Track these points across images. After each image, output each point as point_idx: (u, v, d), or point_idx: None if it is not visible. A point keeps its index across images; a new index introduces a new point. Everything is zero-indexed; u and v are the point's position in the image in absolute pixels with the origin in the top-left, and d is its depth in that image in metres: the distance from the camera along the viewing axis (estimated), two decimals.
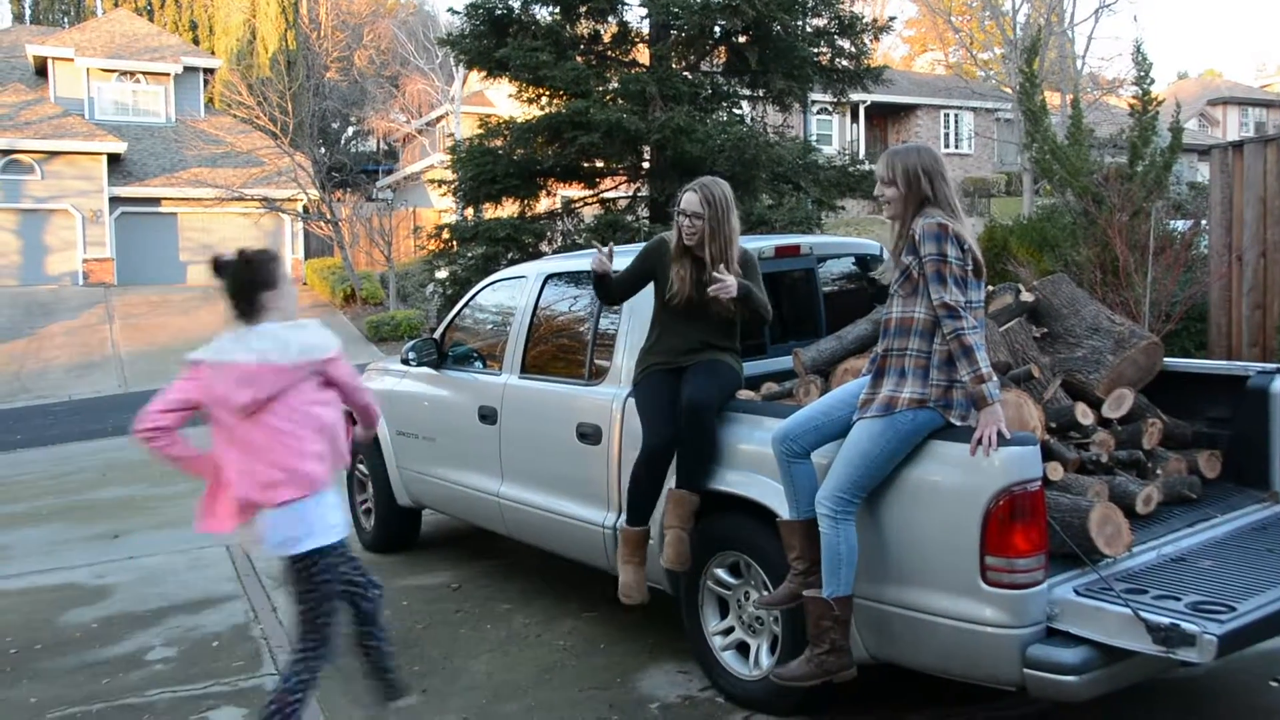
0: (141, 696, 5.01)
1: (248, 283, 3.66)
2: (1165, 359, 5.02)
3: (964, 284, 3.71)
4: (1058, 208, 13.36)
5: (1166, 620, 3.23)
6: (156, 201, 31.27)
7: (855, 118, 38.07)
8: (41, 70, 33.61)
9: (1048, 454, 4.08)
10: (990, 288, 5.29)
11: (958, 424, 3.71)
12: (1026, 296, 5.07)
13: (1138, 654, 3.31)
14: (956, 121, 40.28)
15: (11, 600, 6.75)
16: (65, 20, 47.43)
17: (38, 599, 6.73)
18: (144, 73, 33.68)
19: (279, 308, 3.70)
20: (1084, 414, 4.46)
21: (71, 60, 32.73)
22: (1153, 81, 11.58)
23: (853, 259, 6.14)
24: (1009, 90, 27.43)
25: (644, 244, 5.09)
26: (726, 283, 4.45)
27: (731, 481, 4.39)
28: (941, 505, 3.65)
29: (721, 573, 4.55)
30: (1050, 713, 4.35)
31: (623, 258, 5.04)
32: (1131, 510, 4.07)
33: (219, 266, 3.69)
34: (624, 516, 4.71)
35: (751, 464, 4.30)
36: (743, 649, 4.53)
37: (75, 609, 6.46)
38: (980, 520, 3.50)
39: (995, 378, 3.66)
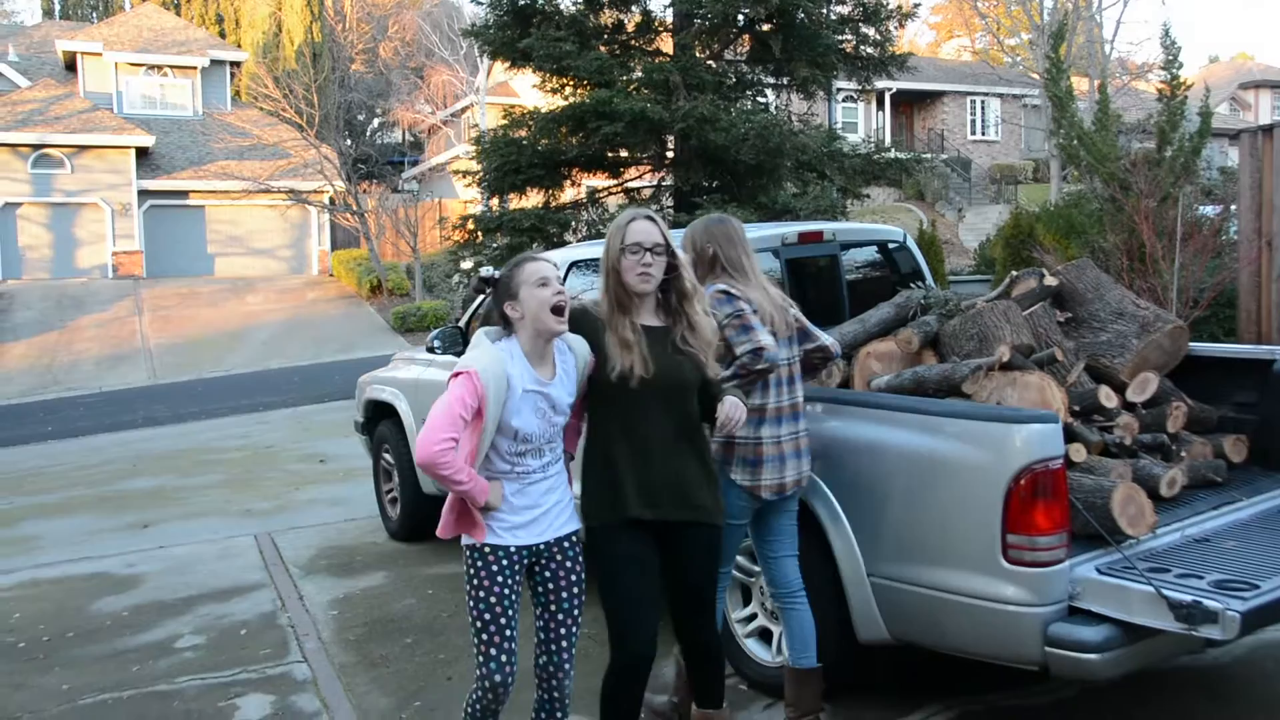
0: (171, 683, 5.07)
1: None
2: (1191, 343, 4.99)
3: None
4: (1085, 194, 13.31)
5: (1189, 597, 3.21)
6: (184, 194, 31.50)
7: (881, 105, 37.91)
8: (71, 65, 33.92)
9: (1070, 436, 4.06)
10: (1014, 272, 5.30)
11: (740, 483, 3.88)
12: (1050, 281, 5.05)
13: (1160, 632, 3.30)
14: (983, 108, 40.04)
15: (44, 589, 6.84)
16: (94, 15, 47.82)
17: (70, 588, 6.81)
18: (171, 66, 33.92)
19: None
20: (1108, 397, 4.43)
21: (100, 55, 33.00)
22: (1181, 66, 11.49)
23: (876, 246, 6.13)
24: (1036, 76, 27.25)
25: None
26: (732, 416, 3.53)
27: None
28: (963, 483, 3.65)
29: (743, 559, 4.55)
30: (1071, 702, 4.34)
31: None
32: (1156, 493, 4.04)
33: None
34: None
35: None
36: (765, 636, 4.53)
37: (106, 597, 6.54)
38: (1002, 498, 3.49)
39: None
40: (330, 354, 21.95)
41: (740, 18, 13.73)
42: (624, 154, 14.42)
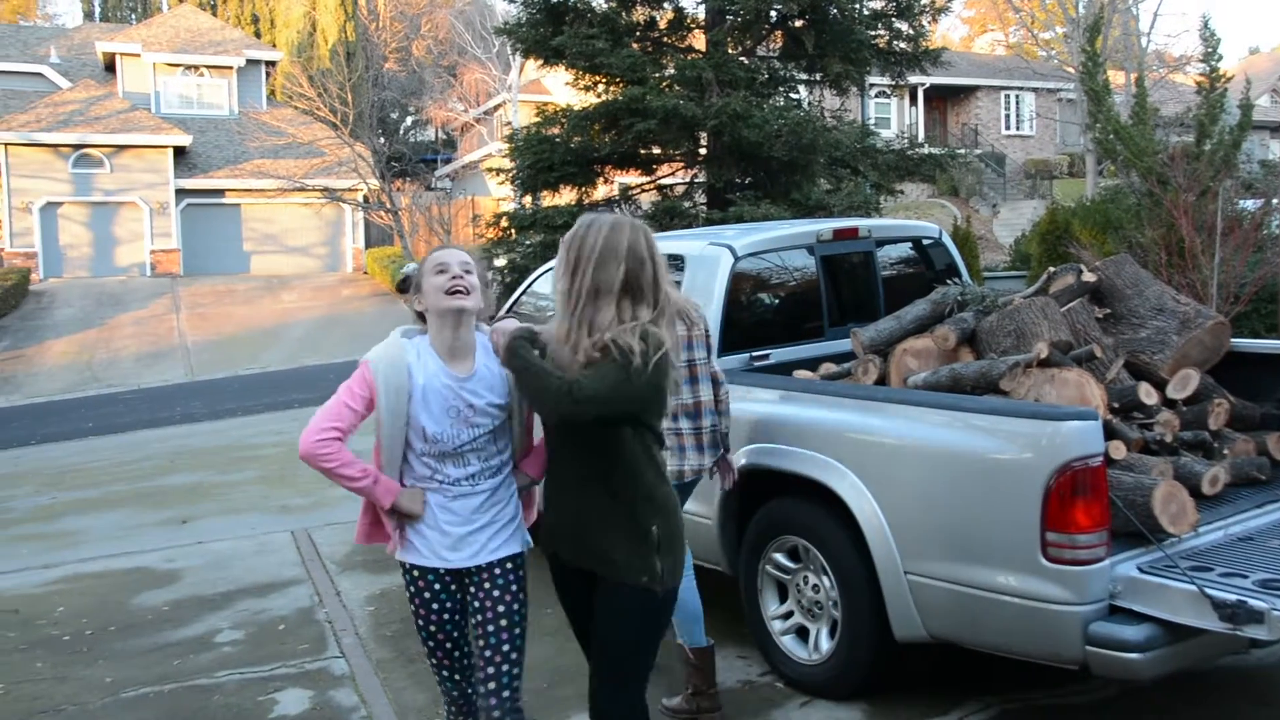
0: (211, 678, 5.12)
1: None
2: (1232, 339, 4.93)
3: None
4: (1122, 189, 13.18)
5: (1233, 597, 3.18)
6: (220, 193, 31.80)
7: (914, 100, 37.68)
8: (110, 66, 34.29)
9: (1110, 433, 4.02)
10: (1052, 268, 5.27)
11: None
12: (1088, 277, 5.02)
13: (1204, 632, 3.27)
14: (1017, 102, 39.71)
15: (86, 583, 6.92)
16: (132, 17, 48.32)
17: (111, 582, 6.89)
18: (208, 66, 34.23)
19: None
20: (1148, 394, 4.39)
21: (138, 56, 33.35)
22: (1221, 58, 11.34)
23: (911, 242, 6.10)
24: (1071, 70, 26.99)
25: None
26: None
27: (791, 462, 4.37)
28: (1001, 481, 3.63)
29: (780, 557, 4.55)
30: (1111, 702, 4.31)
31: None
32: (1198, 491, 4.00)
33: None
34: None
35: (811, 444, 4.28)
36: (802, 634, 4.53)
37: (146, 592, 6.61)
38: (1041, 496, 3.47)
39: None
40: (364, 351, 22.05)
41: (773, 14, 13.70)
42: (657, 151, 14.42)
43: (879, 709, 4.25)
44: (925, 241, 6.06)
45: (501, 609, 3.15)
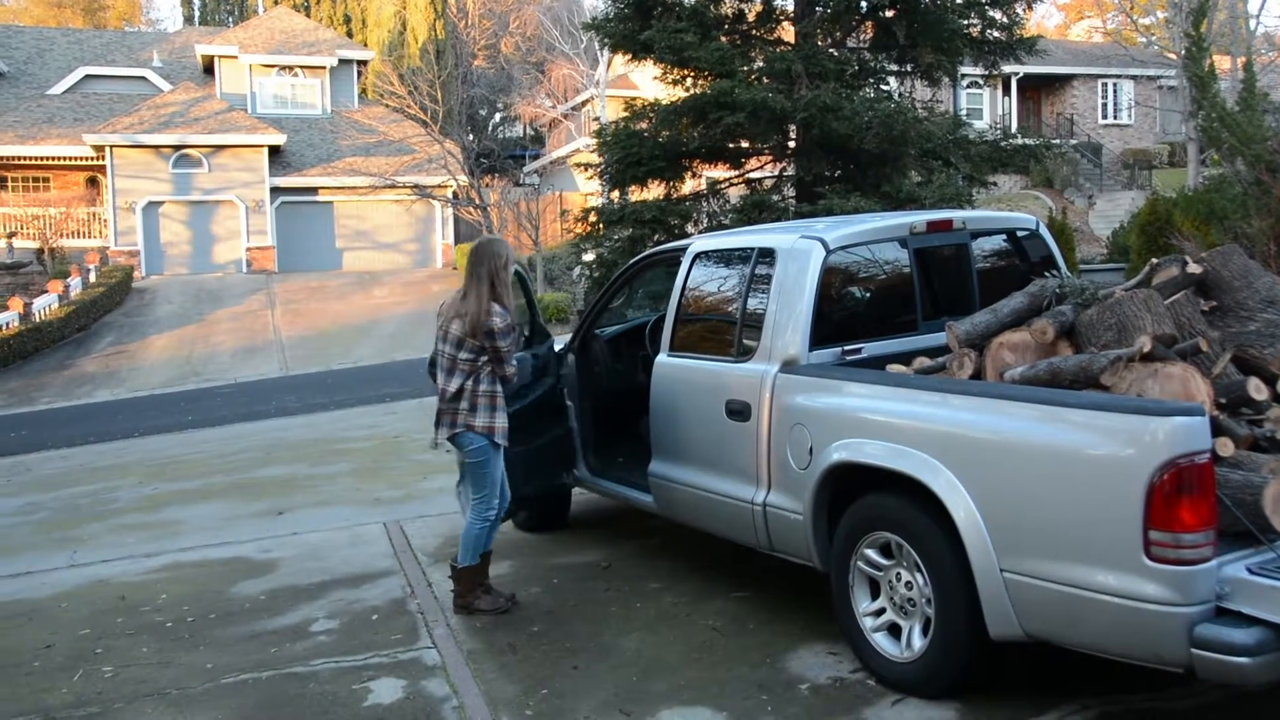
0: (307, 665, 5.21)
1: None
2: None
3: None
4: (1226, 178, 12.81)
5: None
6: (314, 191, 32.45)
7: (1007, 90, 36.99)
8: (209, 68, 35.23)
9: (1217, 429, 3.89)
10: (1154, 260, 5.11)
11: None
12: (1193, 268, 4.85)
13: None
14: (1115, 91, 38.75)
15: (187, 572, 7.10)
16: (230, 20, 49.49)
17: (210, 571, 7.06)
18: (302, 67, 34.96)
19: None
20: (1258, 389, 4.24)
21: (235, 57, 34.20)
22: None
23: (1006, 234, 5.97)
24: (1173, 56, 26.28)
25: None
26: None
27: (882, 457, 4.32)
28: (1102, 478, 3.53)
29: (872, 553, 4.49)
30: (1217, 707, 4.18)
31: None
32: None
33: None
34: None
35: (905, 439, 4.23)
36: (894, 631, 4.46)
37: (244, 581, 6.75)
38: (1144, 493, 3.37)
39: None
40: None
41: (863, 4, 13.55)
42: (745, 145, 14.33)
43: (973, 708, 4.18)
44: (1021, 233, 5.93)
45: None
